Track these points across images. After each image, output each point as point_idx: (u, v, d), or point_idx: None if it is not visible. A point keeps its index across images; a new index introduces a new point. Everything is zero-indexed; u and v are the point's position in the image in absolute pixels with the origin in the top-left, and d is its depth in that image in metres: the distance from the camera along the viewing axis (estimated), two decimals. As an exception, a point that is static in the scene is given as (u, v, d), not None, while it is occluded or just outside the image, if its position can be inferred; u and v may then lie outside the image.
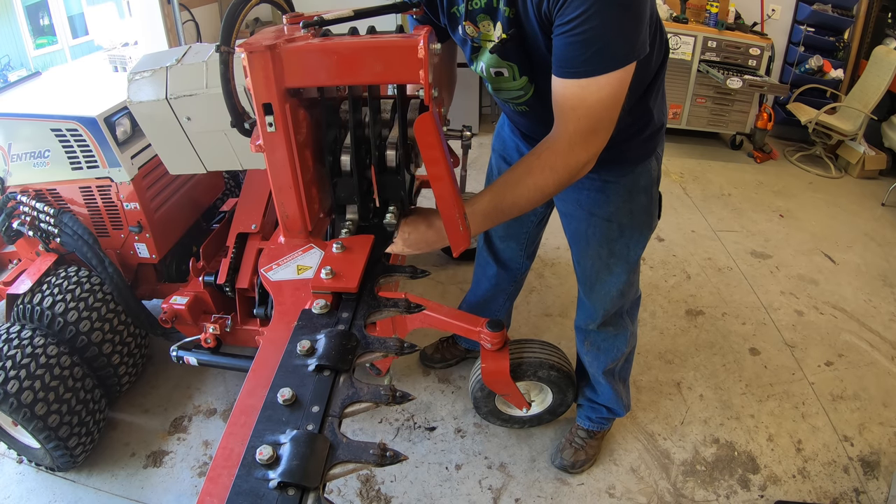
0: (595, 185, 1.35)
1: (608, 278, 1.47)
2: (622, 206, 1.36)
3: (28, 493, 1.72)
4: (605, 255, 1.44)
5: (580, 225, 1.43)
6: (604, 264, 1.45)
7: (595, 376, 1.69)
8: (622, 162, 1.32)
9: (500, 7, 1.06)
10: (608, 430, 1.85)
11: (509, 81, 1.18)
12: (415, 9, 1.18)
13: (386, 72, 1.02)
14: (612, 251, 1.43)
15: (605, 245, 1.42)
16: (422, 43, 0.96)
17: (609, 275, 1.47)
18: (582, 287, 1.55)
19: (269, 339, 0.98)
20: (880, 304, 2.64)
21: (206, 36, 3.74)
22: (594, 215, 1.39)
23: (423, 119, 1.02)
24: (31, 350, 1.57)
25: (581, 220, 1.42)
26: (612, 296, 1.51)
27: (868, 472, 1.83)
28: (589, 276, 1.50)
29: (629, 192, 1.36)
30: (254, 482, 0.71)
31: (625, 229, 1.40)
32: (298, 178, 1.13)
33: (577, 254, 1.51)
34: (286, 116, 1.04)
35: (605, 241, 1.41)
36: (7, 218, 1.77)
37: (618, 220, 1.38)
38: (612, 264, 1.45)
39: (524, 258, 1.81)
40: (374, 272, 1.12)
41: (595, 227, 1.41)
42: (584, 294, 1.56)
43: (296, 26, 1.10)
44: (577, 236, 1.47)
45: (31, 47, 4.27)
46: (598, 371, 1.67)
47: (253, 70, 0.99)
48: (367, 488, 1.72)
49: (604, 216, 1.38)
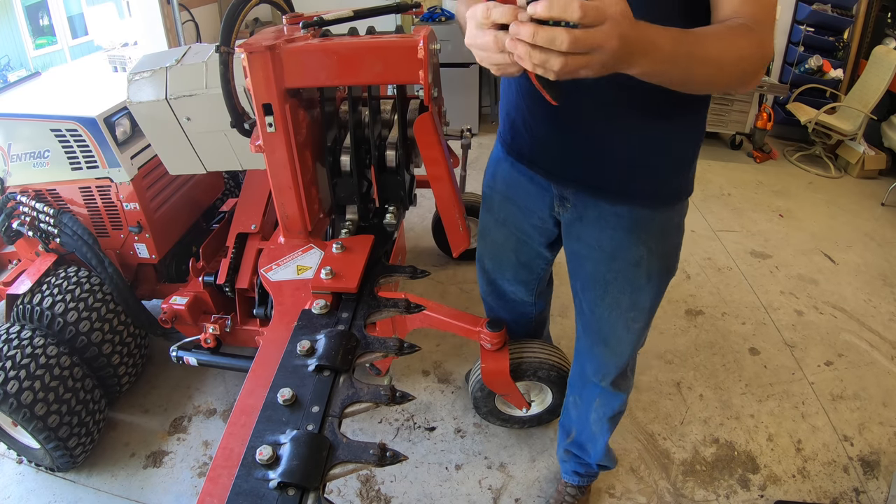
0: (622, 223, 1.11)
1: (626, 331, 1.25)
2: (654, 248, 1.13)
3: (28, 493, 1.72)
4: (625, 304, 1.20)
5: (598, 268, 1.19)
6: (623, 315, 1.22)
7: (589, 432, 1.51)
8: (664, 192, 1.10)
9: None
10: (597, 477, 1.71)
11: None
12: (414, 9, 1.17)
13: (386, 72, 1.02)
14: (635, 301, 1.20)
15: (626, 293, 1.19)
16: (422, 43, 0.96)
17: (627, 327, 1.24)
18: (590, 337, 1.32)
19: (269, 339, 0.98)
20: (880, 303, 2.64)
21: (206, 36, 3.74)
22: (618, 259, 1.15)
23: (423, 119, 1.02)
24: (31, 350, 1.57)
25: (600, 264, 1.18)
26: (630, 348, 1.30)
27: (868, 471, 1.83)
28: (602, 326, 1.26)
29: (662, 232, 1.14)
30: (254, 482, 0.71)
31: (653, 276, 1.17)
32: (298, 178, 1.13)
33: (589, 300, 1.25)
34: (286, 117, 1.05)
35: (627, 288, 1.18)
36: (7, 218, 1.77)
37: (646, 265, 1.15)
38: (633, 317, 1.22)
39: (534, 299, 1.54)
40: (374, 272, 1.12)
41: (618, 273, 1.17)
42: (593, 345, 1.32)
43: (296, 26, 1.10)
44: (594, 281, 1.21)
45: (31, 47, 4.27)
46: (597, 427, 1.48)
47: (253, 70, 0.99)
48: (367, 488, 1.72)
49: (630, 261, 1.14)
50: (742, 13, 0.81)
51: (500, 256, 1.41)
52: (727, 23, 0.81)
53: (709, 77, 0.78)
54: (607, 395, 1.41)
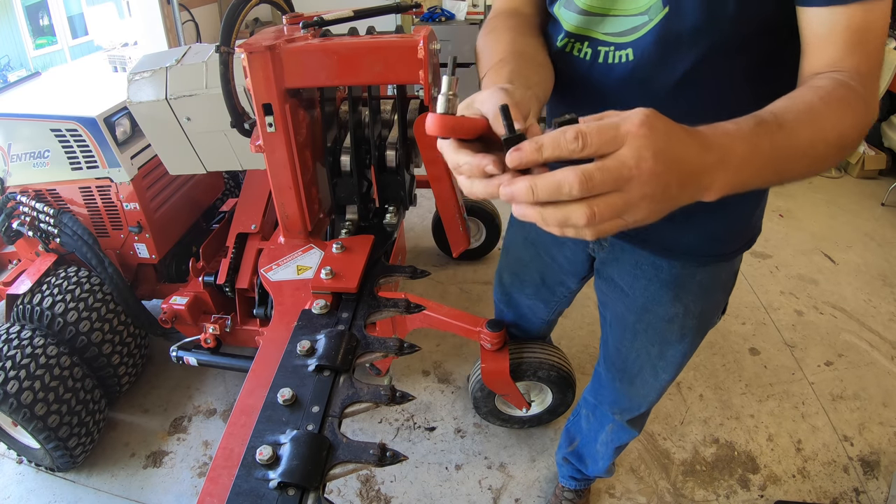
0: (661, 276, 0.97)
1: (653, 378, 1.15)
2: (692, 307, 1.00)
3: (28, 493, 1.72)
4: (654, 354, 1.10)
5: (627, 316, 1.08)
6: (650, 362, 1.12)
7: (593, 451, 1.47)
8: (715, 249, 0.93)
9: None
10: (594, 481, 1.69)
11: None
12: (414, 9, 1.17)
13: (386, 72, 1.02)
14: (664, 353, 1.09)
15: (656, 344, 1.08)
16: (422, 43, 0.96)
17: (655, 375, 1.14)
18: (611, 372, 1.22)
19: (269, 339, 0.98)
20: (880, 304, 2.63)
21: (206, 36, 3.74)
22: (649, 312, 1.03)
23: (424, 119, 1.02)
24: (31, 350, 1.57)
25: (630, 312, 1.07)
26: (655, 394, 1.21)
27: (868, 471, 1.83)
28: (630, 368, 1.17)
29: (705, 290, 0.99)
30: (254, 482, 0.71)
31: (687, 334, 1.04)
32: (298, 178, 1.13)
33: (615, 338, 1.15)
34: (286, 117, 1.05)
35: (657, 340, 1.07)
36: (7, 218, 1.77)
37: (681, 323, 1.02)
38: (662, 367, 1.12)
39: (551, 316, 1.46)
40: (374, 272, 1.12)
41: (648, 325, 1.06)
42: (614, 379, 1.23)
43: (296, 27, 1.10)
44: (622, 325, 1.11)
45: (31, 47, 4.27)
46: (603, 449, 1.44)
47: (253, 70, 0.99)
48: (367, 488, 1.72)
49: (663, 317, 1.02)
50: (844, 66, 0.63)
51: (522, 274, 1.31)
52: (821, 86, 0.61)
53: (803, 171, 0.59)
54: (620, 428, 1.34)
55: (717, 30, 0.67)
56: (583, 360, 2.19)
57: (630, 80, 0.75)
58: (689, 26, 0.67)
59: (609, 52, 0.75)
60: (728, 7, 0.65)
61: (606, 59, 0.76)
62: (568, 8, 0.77)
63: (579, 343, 2.28)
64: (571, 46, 0.79)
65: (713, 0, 0.65)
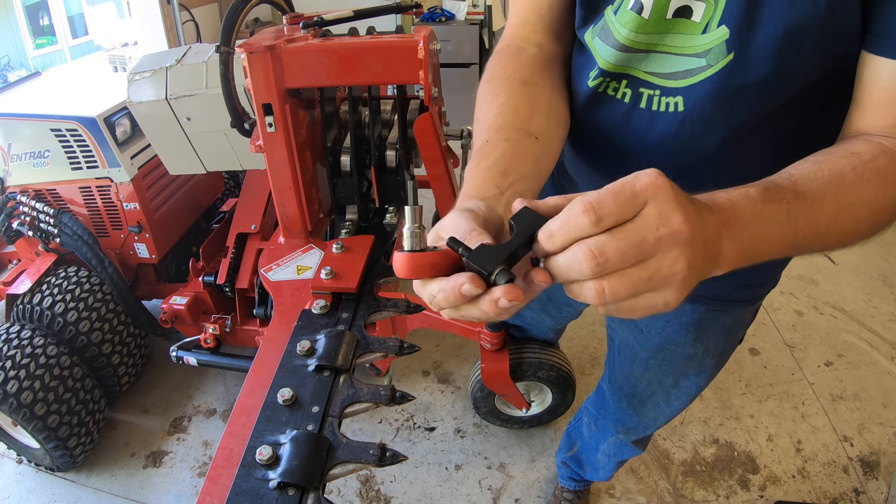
0: (681, 319, 0.90)
1: (665, 404, 1.10)
2: (712, 347, 0.94)
3: (28, 493, 1.72)
4: (668, 385, 1.05)
5: (640, 352, 1.03)
6: (665, 391, 1.07)
7: (593, 460, 1.45)
8: (739, 295, 0.87)
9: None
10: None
11: (691, 30, 0.59)
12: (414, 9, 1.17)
13: (386, 72, 1.02)
14: (679, 384, 1.04)
15: (670, 375, 1.03)
16: (422, 43, 0.96)
17: (667, 401, 1.09)
18: (623, 398, 1.17)
19: (268, 339, 0.99)
20: (880, 304, 2.63)
21: (206, 36, 3.74)
22: (665, 350, 0.98)
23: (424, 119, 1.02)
24: (31, 350, 1.57)
25: (643, 349, 1.02)
26: (665, 419, 1.16)
27: (868, 472, 1.83)
28: (641, 394, 1.12)
29: (727, 332, 0.93)
30: (254, 482, 0.71)
31: (704, 370, 1.00)
32: (298, 178, 1.13)
33: (624, 368, 1.10)
34: (286, 117, 1.05)
35: (671, 373, 1.03)
36: (7, 218, 1.77)
37: (699, 361, 0.97)
38: (675, 395, 1.07)
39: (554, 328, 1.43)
40: (374, 272, 1.12)
41: (662, 361, 1.01)
42: (621, 401, 1.18)
43: (296, 26, 1.10)
44: (632, 356, 1.06)
45: (31, 47, 4.27)
46: (604, 460, 1.42)
47: (253, 70, 0.99)
48: (367, 488, 1.72)
49: (681, 356, 0.97)
50: (894, 132, 0.54)
51: None
52: (859, 152, 0.52)
53: (828, 244, 0.53)
54: (623, 445, 1.31)
55: (786, 81, 0.58)
56: (583, 360, 2.20)
57: (678, 134, 0.64)
58: (757, 78, 0.57)
59: (654, 97, 0.64)
60: (804, 57, 0.55)
61: (650, 105, 0.64)
62: (605, 41, 0.64)
63: (579, 343, 2.28)
64: (606, 86, 0.67)
65: (788, 48, 0.55)
